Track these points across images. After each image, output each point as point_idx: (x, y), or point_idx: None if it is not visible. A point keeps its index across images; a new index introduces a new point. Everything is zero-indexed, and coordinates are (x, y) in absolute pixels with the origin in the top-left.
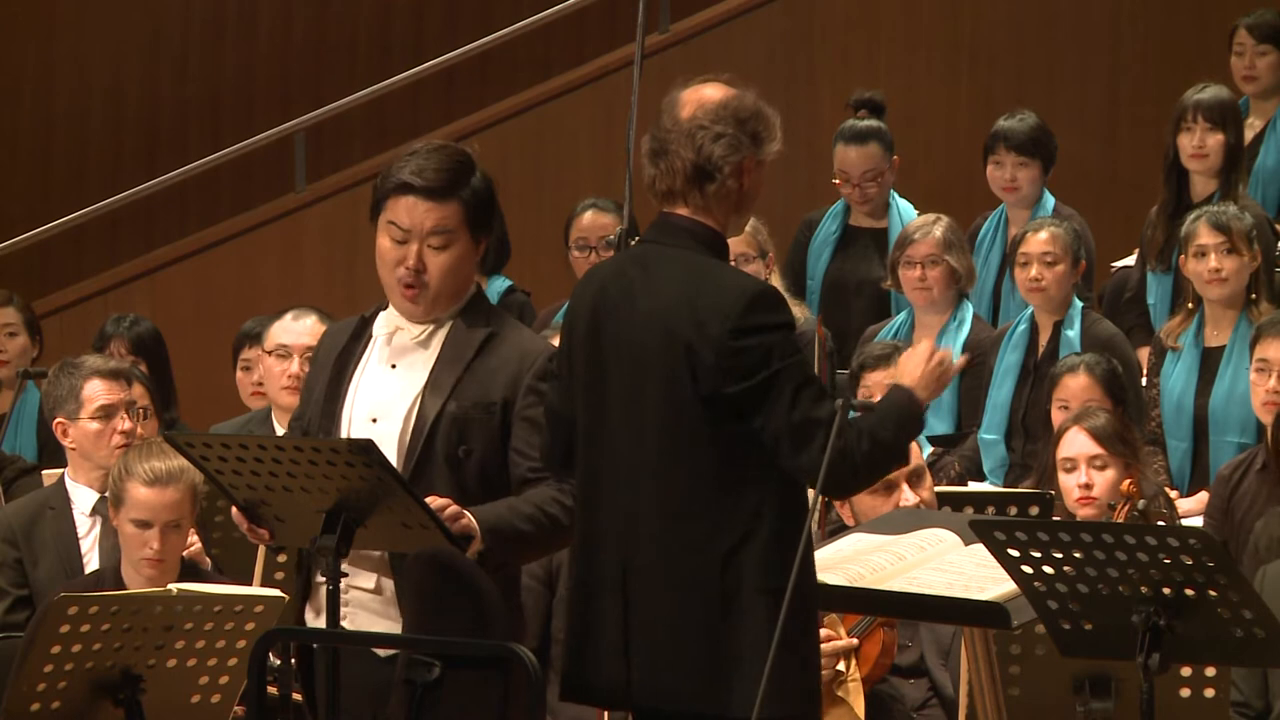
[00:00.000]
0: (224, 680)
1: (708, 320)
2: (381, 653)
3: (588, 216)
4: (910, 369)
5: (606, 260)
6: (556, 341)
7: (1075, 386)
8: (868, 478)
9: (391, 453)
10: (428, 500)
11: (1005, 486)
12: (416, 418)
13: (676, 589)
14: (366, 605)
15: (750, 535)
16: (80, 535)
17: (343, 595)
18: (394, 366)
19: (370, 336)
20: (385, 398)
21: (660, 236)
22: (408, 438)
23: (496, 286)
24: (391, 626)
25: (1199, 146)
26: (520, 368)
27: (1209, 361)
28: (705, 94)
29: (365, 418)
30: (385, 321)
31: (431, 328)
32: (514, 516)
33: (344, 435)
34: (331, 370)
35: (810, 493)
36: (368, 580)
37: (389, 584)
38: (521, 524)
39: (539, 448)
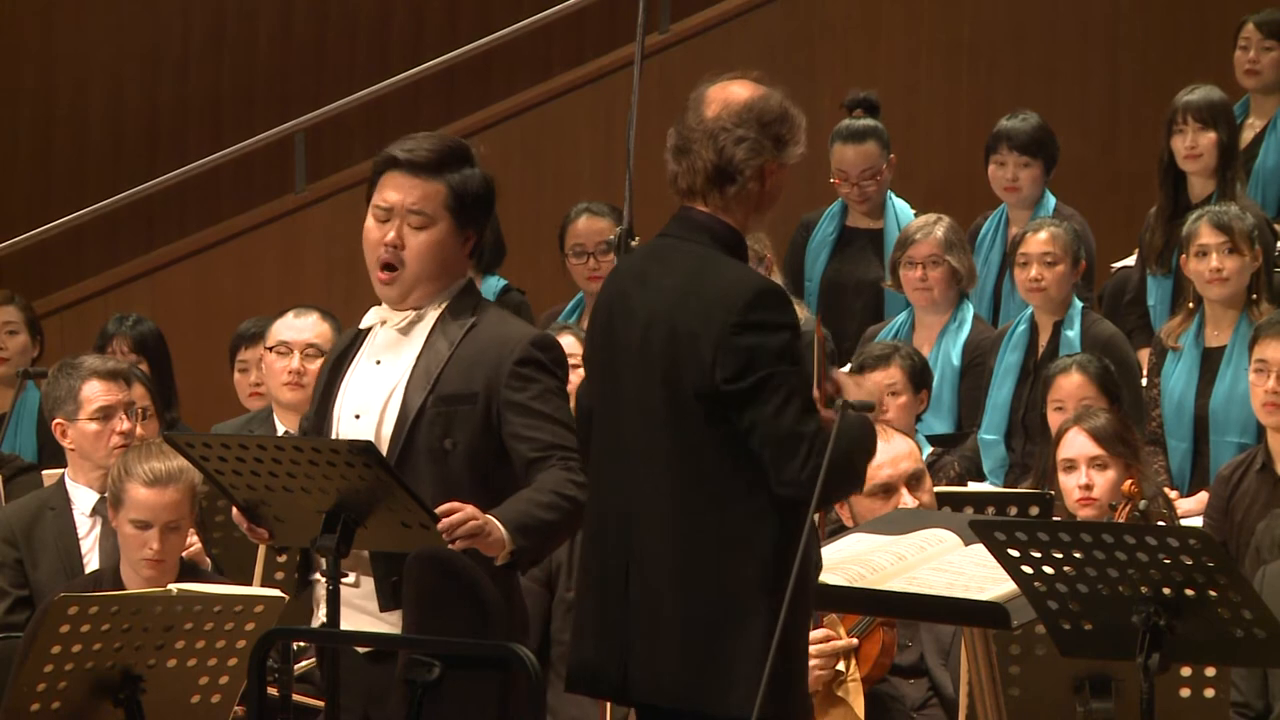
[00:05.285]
0: (224, 680)
1: (710, 313)
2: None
3: (582, 222)
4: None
5: (630, 254)
6: (561, 338)
7: (1069, 386)
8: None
9: None
10: (449, 508)
11: (1005, 486)
12: (399, 411)
13: (680, 585)
14: (348, 600)
15: (757, 534)
16: (80, 535)
17: (324, 590)
18: (379, 362)
19: (364, 339)
20: (368, 393)
21: (678, 230)
22: (388, 430)
23: (491, 286)
24: (371, 620)
25: (1191, 147)
26: (500, 355)
27: (1209, 362)
28: (731, 93)
29: (350, 414)
30: (372, 315)
31: (413, 316)
32: (535, 508)
33: (333, 434)
34: (328, 374)
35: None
36: (348, 575)
37: (368, 580)
38: (545, 514)
39: (538, 429)
